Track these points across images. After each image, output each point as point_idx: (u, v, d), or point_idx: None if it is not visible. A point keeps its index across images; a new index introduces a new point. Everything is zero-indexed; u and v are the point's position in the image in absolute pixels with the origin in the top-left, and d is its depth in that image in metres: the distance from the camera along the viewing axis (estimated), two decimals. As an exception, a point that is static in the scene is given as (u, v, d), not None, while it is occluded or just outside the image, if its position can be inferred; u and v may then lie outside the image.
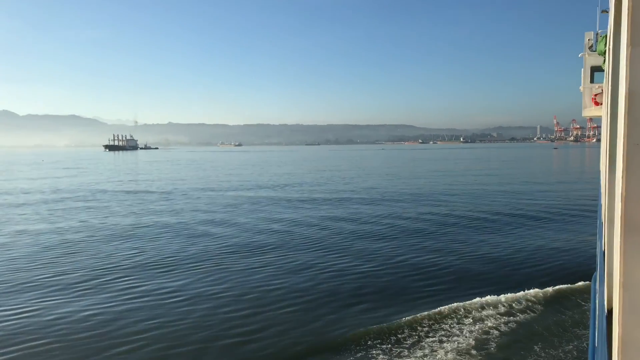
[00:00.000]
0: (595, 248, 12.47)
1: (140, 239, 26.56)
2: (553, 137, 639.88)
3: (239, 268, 20.48)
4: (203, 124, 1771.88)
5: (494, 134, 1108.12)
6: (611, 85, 4.90)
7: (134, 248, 24.31)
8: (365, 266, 20.89)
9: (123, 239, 26.60)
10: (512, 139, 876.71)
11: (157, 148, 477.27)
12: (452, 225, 30.64)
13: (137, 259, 22.06)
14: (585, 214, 34.19)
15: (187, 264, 21.20)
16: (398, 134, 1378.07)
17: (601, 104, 17.98)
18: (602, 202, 8.03)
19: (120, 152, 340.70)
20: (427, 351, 12.64)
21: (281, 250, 23.85)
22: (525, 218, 32.87)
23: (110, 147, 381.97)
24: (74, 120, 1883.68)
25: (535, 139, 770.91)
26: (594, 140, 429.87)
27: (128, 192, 52.99)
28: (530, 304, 16.04)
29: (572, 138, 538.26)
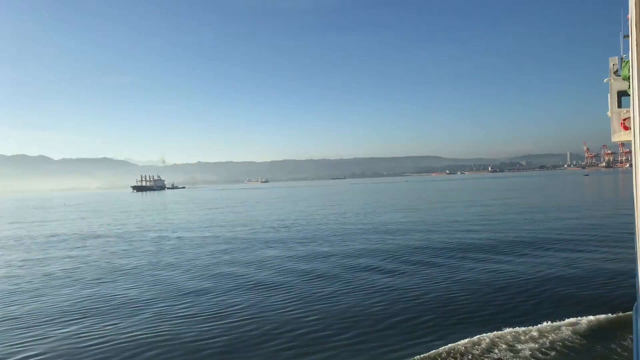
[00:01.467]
0: (635, 276, 11.04)
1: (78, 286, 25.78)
2: (584, 163, 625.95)
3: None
4: (230, 162, 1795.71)
5: (523, 162, 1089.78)
6: (638, 109, 4.40)
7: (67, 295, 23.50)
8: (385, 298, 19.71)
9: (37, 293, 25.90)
10: (542, 167, 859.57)
11: (184, 187, 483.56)
12: (476, 254, 29.15)
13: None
14: (623, 242, 32.21)
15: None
16: (425, 166, 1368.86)
17: (630, 128, 17.02)
18: (637, 229, 7.09)
19: (148, 192, 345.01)
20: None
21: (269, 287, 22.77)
22: (558, 246, 31.14)
23: (138, 188, 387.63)
24: (105, 162, 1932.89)
25: (565, 166, 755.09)
26: (627, 165, 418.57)
27: (107, 237, 52.75)
28: (567, 334, 14.99)
29: (603, 164, 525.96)
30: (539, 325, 15.75)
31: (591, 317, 16.24)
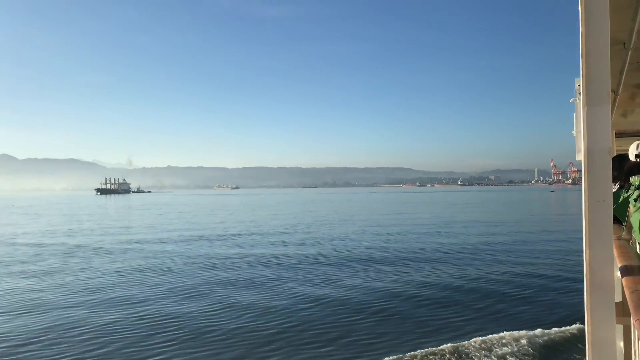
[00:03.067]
0: None
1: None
2: (551, 180, 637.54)
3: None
4: (202, 167, 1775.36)
5: (492, 177, 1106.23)
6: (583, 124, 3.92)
7: None
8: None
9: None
10: (510, 182, 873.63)
11: (149, 191, 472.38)
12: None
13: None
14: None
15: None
16: (396, 177, 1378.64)
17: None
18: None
19: (112, 195, 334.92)
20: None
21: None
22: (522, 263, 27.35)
23: (102, 191, 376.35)
24: (73, 163, 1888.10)
25: (532, 182, 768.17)
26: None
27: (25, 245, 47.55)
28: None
29: (569, 181, 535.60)
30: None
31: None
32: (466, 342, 15.02)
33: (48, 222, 74.33)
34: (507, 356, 13.90)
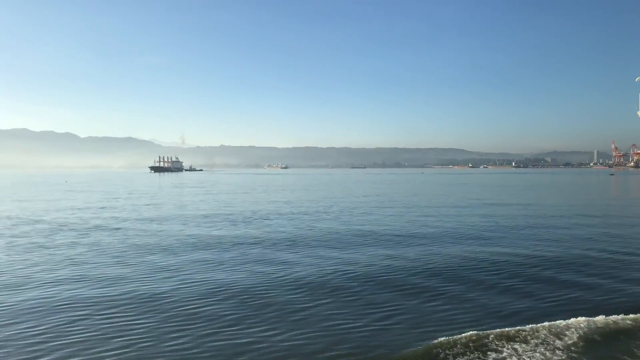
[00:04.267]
0: None
1: None
2: (611, 162, 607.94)
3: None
4: (253, 147, 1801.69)
5: (548, 159, 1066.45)
6: None
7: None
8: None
9: None
10: (567, 164, 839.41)
11: (201, 170, 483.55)
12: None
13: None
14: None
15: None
16: (448, 158, 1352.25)
17: None
18: None
19: (165, 173, 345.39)
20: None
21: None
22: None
23: (156, 169, 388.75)
24: (130, 142, 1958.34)
25: (591, 164, 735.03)
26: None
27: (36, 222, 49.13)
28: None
29: (632, 164, 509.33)
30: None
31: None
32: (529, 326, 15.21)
33: (86, 198, 77.28)
34: (571, 344, 13.91)
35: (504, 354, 13.17)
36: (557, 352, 13.36)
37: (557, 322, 15.39)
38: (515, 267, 24.70)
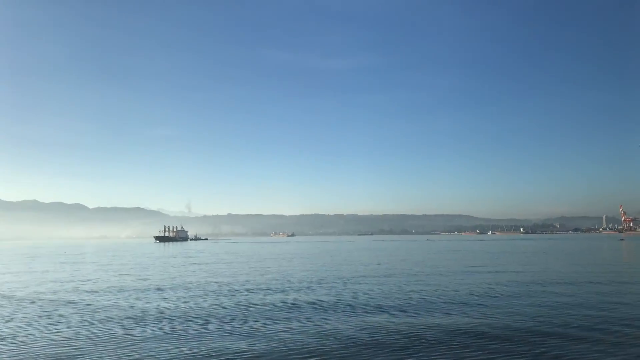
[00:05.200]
0: None
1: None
2: (620, 227, 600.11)
3: None
4: (260, 215, 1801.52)
5: (557, 224, 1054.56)
6: None
7: None
8: None
9: None
10: (576, 230, 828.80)
11: (206, 239, 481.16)
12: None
13: None
14: None
15: None
16: (455, 224, 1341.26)
17: None
18: None
19: (170, 243, 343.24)
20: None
21: None
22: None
23: (161, 239, 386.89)
24: (139, 212, 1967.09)
25: (600, 229, 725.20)
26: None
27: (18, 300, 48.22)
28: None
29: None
30: None
31: None
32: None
33: (73, 270, 76.44)
34: None
35: None
36: None
37: None
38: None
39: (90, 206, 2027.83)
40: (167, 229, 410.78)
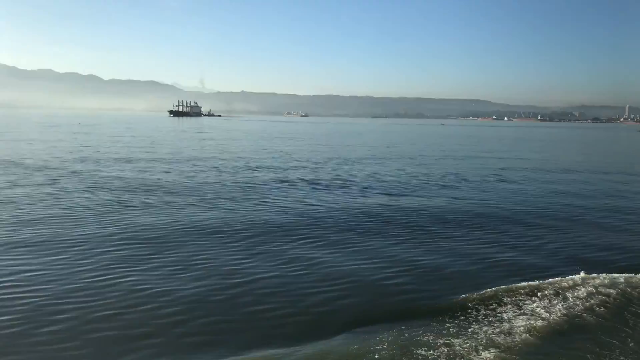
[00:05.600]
0: None
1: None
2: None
3: None
4: (274, 93, 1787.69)
5: (576, 113, 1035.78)
6: None
7: None
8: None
9: None
10: (596, 119, 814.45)
11: (220, 115, 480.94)
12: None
13: None
14: None
15: None
16: (472, 109, 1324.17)
17: None
18: None
19: (184, 118, 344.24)
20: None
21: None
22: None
23: (175, 113, 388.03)
24: (153, 86, 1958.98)
25: (621, 119, 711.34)
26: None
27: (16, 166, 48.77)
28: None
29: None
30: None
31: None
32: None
33: (84, 140, 77.22)
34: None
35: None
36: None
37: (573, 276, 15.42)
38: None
39: (105, 78, 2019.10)
40: (181, 104, 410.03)
